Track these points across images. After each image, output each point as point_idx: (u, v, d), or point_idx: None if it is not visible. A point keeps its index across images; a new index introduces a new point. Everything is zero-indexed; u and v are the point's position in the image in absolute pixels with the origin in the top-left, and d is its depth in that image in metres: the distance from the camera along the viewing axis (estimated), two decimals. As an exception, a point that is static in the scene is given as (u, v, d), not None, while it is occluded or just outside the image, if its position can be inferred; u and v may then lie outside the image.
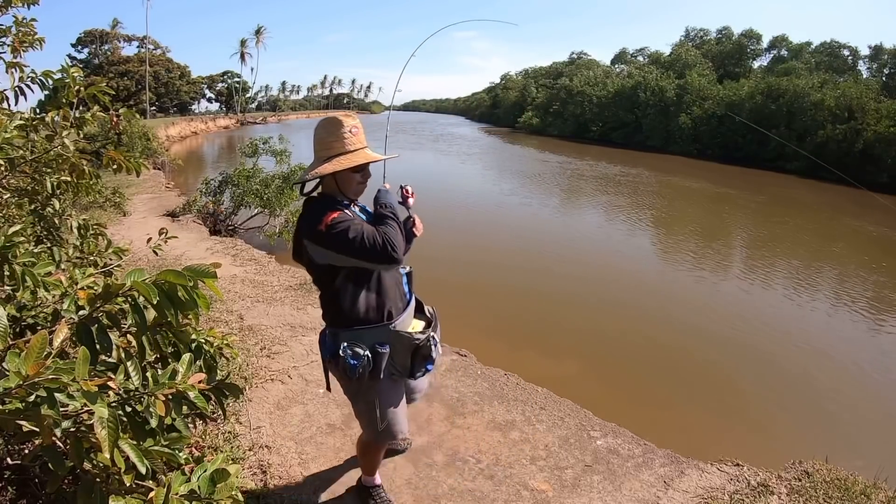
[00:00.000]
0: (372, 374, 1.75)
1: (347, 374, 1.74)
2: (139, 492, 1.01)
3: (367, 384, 1.78)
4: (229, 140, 35.11)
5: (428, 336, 1.84)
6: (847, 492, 2.45)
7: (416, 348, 1.81)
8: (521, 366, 3.90)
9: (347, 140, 1.73)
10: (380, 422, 1.85)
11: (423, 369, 1.87)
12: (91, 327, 1.03)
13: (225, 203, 8.72)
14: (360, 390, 1.83)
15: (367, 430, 1.94)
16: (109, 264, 1.94)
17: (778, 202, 17.34)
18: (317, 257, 1.71)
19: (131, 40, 50.63)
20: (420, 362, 1.85)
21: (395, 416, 1.88)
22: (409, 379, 1.92)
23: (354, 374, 1.72)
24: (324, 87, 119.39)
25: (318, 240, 1.66)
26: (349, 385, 1.85)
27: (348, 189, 1.78)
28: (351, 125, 1.74)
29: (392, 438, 1.93)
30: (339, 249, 1.64)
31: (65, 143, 1.84)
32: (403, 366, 1.84)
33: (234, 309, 4.42)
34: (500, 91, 71.76)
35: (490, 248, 9.25)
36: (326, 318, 1.83)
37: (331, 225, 1.63)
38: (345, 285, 1.73)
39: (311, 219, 1.70)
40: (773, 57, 39.87)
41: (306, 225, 1.72)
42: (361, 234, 1.62)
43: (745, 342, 5.85)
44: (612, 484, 2.49)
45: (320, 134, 1.75)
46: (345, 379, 1.80)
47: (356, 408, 1.92)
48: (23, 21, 2.11)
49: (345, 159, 1.71)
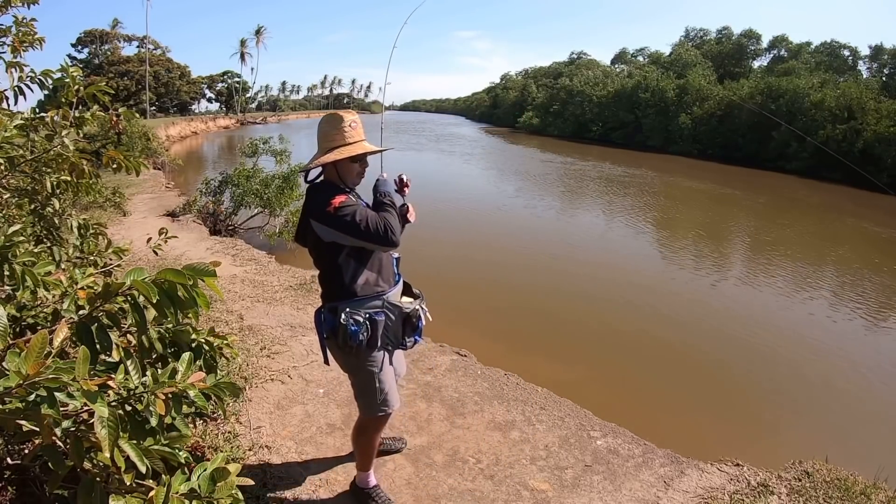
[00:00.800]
0: (370, 343, 1.91)
1: (349, 341, 1.87)
2: (139, 491, 1.01)
3: (365, 354, 1.93)
4: (229, 140, 35.11)
5: (416, 306, 2.04)
6: (847, 492, 2.45)
7: (407, 317, 2.02)
8: (520, 366, 3.90)
9: (347, 133, 1.93)
10: (379, 392, 2.00)
11: (412, 338, 2.07)
12: (91, 327, 1.03)
13: (225, 203, 8.72)
14: (359, 361, 1.96)
15: (366, 403, 2.04)
16: (109, 264, 1.94)
17: (781, 202, 17.32)
18: (323, 235, 1.87)
19: (131, 40, 50.69)
20: (409, 331, 2.05)
21: (390, 388, 2.04)
22: (400, 348, 2.10)
23: (356, 339, 1.87)
24: (324, 87, 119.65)
25: (327, 220, 1.83)
26: (349, 358, 1.97)
27: (348, 177, 1.97)
28: (350, 120, 1.95)
29: (388, 409, 2.05)
30: (345, 230, 1.82)
31: (65, 143, 1.84)
32: (395, 335, 2.03)
33: (234, 309, 4.42)
34: (500, 91, 71.80)
35: (490, 248, 9.24)
36: (327, 293, 1.97)
37: (339, 207, 1.82)
38: (346, 262, 1.90)
39: (320, 201, 1.87)
40: (772, 57, 39.90)
41: (315, 206, 1.89)
42: (366, 218, 1.81)
43: (746, 342, 5.85)
44: (612, 484, 2.49)
45: (324, 128, 1.95)
46: (346, 350, 1.92)
47: (357, 380, 2.04)
48: (23, 21, 2.11)
49: (345, 150, 1.92)
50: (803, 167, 24.98)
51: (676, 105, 35.00)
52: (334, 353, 2.01)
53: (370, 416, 2.07)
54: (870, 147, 23.40)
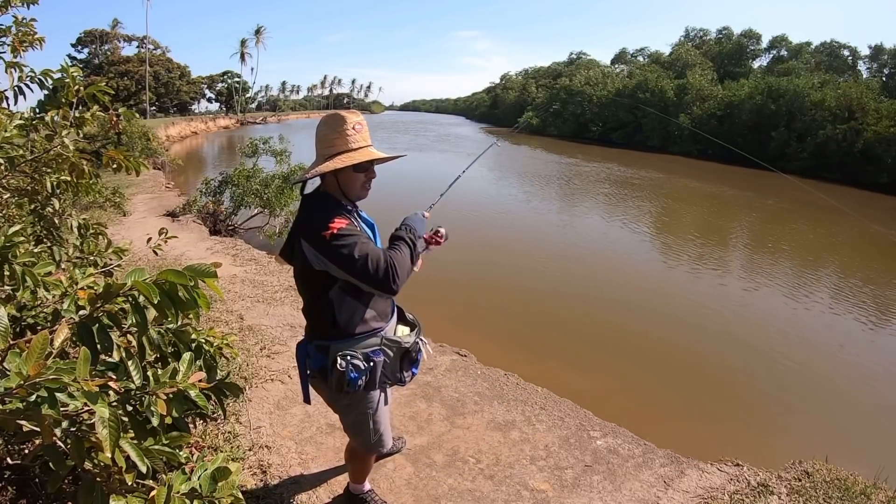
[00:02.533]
0: (367, 385, 1.69)
1: (346, 388, 1.65)
2: (140, 491, 1.01)
3: (361, 395, 1.73)
4: (229, 140, 35.08)
5: (415, 340, 1.82)
6: (847, 492, 2.45)
7: (406, 353, 1.79)
8: (520, 366, 3.90)
9: (351, 137, 1.64)
10: (373, 433, 1.81)
11: (409, 373, 1.85)
12: (92, 327, 1.03)
13: (225, 203, 8.72)
14: (353, 402, 1.75)
15: (360, 442, 1.89)
16: (109, 264, 1.93)
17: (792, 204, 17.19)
18: (313, 262, 1.59)
19: (131, 40, 50.65)
20: (407, 366, 1.83)
21: (385, 428, 1.86)
22: (398, 384, 1.86)
23: (355, 387, 1.65)
24: (324, 87, 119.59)
25: (320, 246, 1.55)
26: (340, 399, 1.76)
27: (351, 190, 1.68)
28: (354, 122, 1.65)
29: (383, 448, 1.91)
30: (339, 263, 1.54)
31: (64, 143, 1.84)
32: (393, 372, 1.79)
33: (234, 309, 4.42)
34: (500, 91, 71.85)
35: (491, 248, 9.24)
36: (314, 329, 1.72)
37: (336, 235, 1.53)
38: (339, 296, 1.62)
39: (315, 221, 1.58)
40: (772, 57, 39.93)
41: (309, 225, 1.59)
42: (366, 255, 1.52)
43: (746, 342, 5.85)
44: (612, 484, 2.49)
45: (322, 131, 1.66)
46: (338, 393, 1.69)
47: (347, 420, 1.84)
48: (23, 21, 2.11)
49: (347, 157, 1.62)
50: (803, 167, 25.00)
51: (676, 105, 35.02)
52: (320, 390, 1.80)
53: (363, 451, 1.96)
54: (870, 147, 23.41)
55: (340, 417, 1.87)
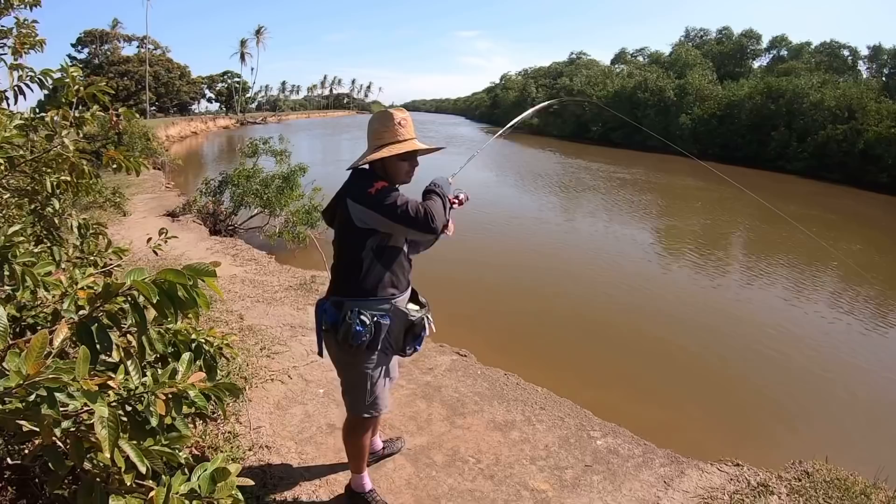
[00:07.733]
0: (370, 345, 1.87)
1: (350, 340, 1.82)
2: (139, 491, 1.01)
3: (363, 354, 1.89)
4: (229, 140, 35.05)
5: (422, 316, 2.02)
6: (847, 492, 2.45)
7: (411, 325, 1.99)
8: (521, 366, 3.89)
9: (398, 130, 1.90)
10: (368, 394, 1.96)
11: (412, 347, 2.04)
12: (91, 327, 1.03)
13: (225, 203, 8.72)
14: (355, 360, 1.92)
15: (353, 403, 2.01)
16: (109, 264, 1.93)
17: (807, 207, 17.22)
18: (360, 219, 1.82)
19: (131, 40, 50.66)
20: (411, 340, 2.02)
21: (382, 391, 2.00)
22: (400, 354, 2.06)
23: (358, 340, 1.82)
24: (324, 87, 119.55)
25: (367, 201, 1.80)
26: (345, 355, 1.93)
27: (396, 176, 1.93)
28: (401, 117, 1.92)
29: (376, 412, 2.03)
30: (384, 213, 1.78)
31: (64, 143, 1.83)
32: (397, 341, 2.00)
33: (234, 309, 4.42)
34: (500, 91, 71.76)
35: (492, 248, 9.24)
36: (337, 286, 1.93)
37: (381, 190, 1.80)
38: (368, 256, 1.85)
39: (361, 183, 1.85)
40: (772, 57, 39.94)
41: (356, 188, 1.85)
42: (406, 202, 1.78)
43: (746, 342, 5.84)
44: (612, 484, 2.49)
45: (374, 125, 1.93)
46: (344, 346, 1.87)
47: (347, 378, 2.00)
48: (24, 23, 2.11)
49: (395, 147, 1.87)
50: (804, 167, 24.99)
51: (676, 105, 34.99)
52: (330, 346, 1.98)
53: (356, 416, 2.03)
54: (870, 147, 23.40)
55: (341, 378, 2.03)
